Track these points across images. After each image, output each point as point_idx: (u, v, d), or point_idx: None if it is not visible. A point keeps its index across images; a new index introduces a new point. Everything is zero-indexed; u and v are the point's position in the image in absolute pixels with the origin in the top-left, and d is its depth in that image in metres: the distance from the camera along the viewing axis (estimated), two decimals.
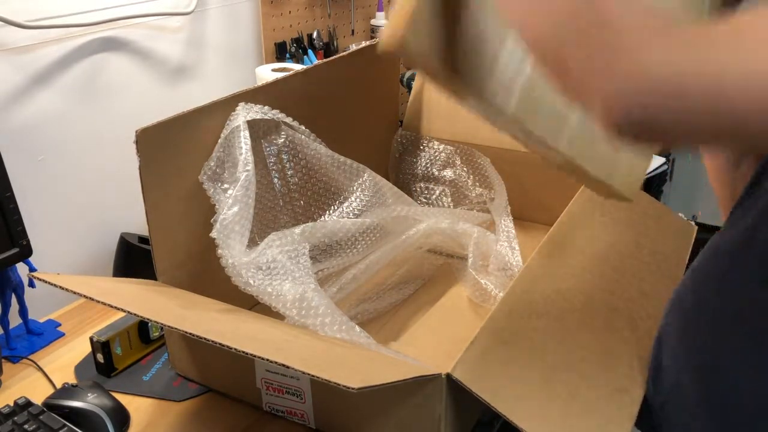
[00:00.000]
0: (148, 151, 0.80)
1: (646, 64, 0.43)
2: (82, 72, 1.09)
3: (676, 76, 0.42)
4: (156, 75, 1.22)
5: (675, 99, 0.42)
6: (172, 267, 0.87)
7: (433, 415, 0.72)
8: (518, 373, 0.73)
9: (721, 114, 0.42)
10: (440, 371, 0.68)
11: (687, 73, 0.42)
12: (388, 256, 1.03)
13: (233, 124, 0.88)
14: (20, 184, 0.94)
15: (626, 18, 0.44)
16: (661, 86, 0.42)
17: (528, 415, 0.69)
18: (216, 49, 1.32)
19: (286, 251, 0.85)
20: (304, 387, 0.79)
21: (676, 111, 0.43)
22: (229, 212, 0.83)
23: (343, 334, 0.77)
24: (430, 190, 1.25)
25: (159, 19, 1.20)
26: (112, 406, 0.82)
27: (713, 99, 0.41)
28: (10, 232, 0.89)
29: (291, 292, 0.80)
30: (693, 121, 0.43)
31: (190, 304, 0.82)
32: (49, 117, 1.05)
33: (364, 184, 1.03)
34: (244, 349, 0.63)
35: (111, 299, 0.71)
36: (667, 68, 0.42)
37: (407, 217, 1.06)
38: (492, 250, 1.05)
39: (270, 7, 1.40)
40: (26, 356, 0.95)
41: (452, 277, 1.11)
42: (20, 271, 0.95)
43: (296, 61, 1.46)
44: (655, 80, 0.43)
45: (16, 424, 0.77)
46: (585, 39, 0.46)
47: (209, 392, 0.88)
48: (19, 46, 1.00)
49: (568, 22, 0.46)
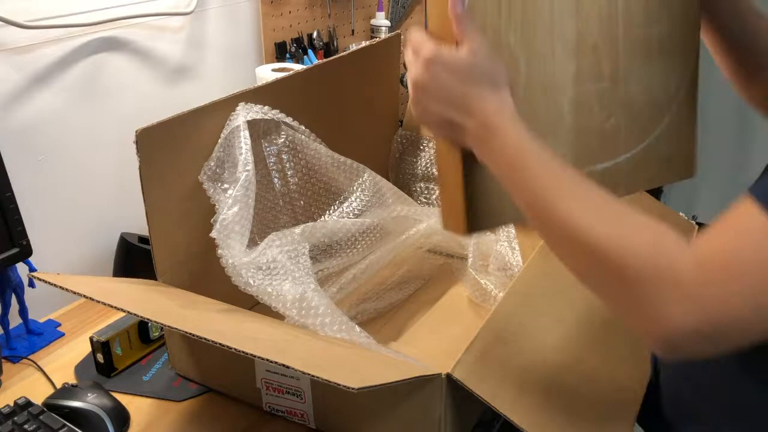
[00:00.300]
0: (148, 151, 0.80)
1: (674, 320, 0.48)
2: (82, 72, 1.09)
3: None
4: (156, 75, 1.22)
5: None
6: (172, 267, 0.87)
7: (433, 415, 0.72)
8: (518, 373, 0.73)
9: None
10: (440, 371, 0.68)
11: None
12: (388, 256, 1.03)
13: (233, 124, 0.88)
14: (20, 184, 0.94)
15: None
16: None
17: (528, 415, 0.69)
18: (216, 49, 1.32)
19: (286, 251, 0.85)
20: (304, 387, 0.79)
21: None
22: (229, 212, 0.83)
23: (343, 334, 0.77)
24: (430, 190, 1.25)
25: (159, 19, 1.20)
26: (112, 406, 0.82)
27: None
28: (10, 232, 0.89)
29: (291, 292, 0.80)
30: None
31: (190, 304, 0.82)
32: (49, 117, 1.05)
33: (364, 184, 1.03)
34: (244, 349, 0.63)
35: (111, 299, 0.71)
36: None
37: (407, 217, 1.06)
38: (492, 250, 1.05)
39: (270, 7, 1.39)
40: (26, 356, 0.94)
41: (452, 277, 1.11)
42: (20, 271, 0.95)
43: (296, 61, 1.46)
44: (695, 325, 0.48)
45: (16, 424, 0.77)
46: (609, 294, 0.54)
47: (209, 392, 0.88)
48: (19, 46, 1.00)
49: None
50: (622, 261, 0.50)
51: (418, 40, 0.63)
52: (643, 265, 0.49)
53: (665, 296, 0.48)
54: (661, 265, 0.49)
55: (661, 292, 0.48)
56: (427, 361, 0.74)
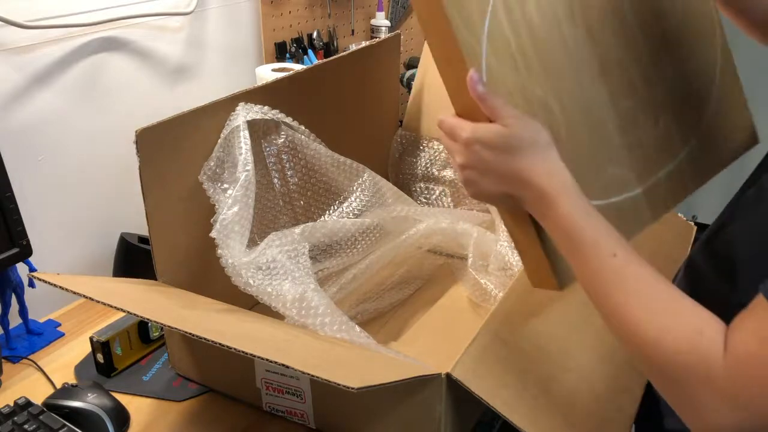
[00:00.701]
0: (148, 151, 0.80)
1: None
2: (82, 72, 1.09)
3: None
4: (156, 75, 1.22)
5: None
6: (172, 267, 0.87)
7: (433, 415, 0.72)
8: (518, 373, 0.73)
9: None
10: (440, 371, 0.68)
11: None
12: (388, 256, 1.03)
13: (233, 124, 0.88)
14: (20, 184, 0.94)
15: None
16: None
17: (528, 415, 0.69)
18: (216, 49, 1.32)
19: (286, 251, 0.85)
20: (304, 387, 0.79)
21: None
22: (228, 212, 0.83)
23: (343, 334, 0.77)
24: (430, 190, 1.25)
25: (159, 19, 1.20)
26: (112, 406, 0.82)
27: None
28: (10, 232, 0.89)
29: (291, 292, 0.80)
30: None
31: (190, 304, 0.82)
32: (49, 117, 1.05)
33: (364, 184, 1.03)
34: (244, 349, 0.63)
35: (111, 299, 0.71)
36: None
37: (407, 217, 1.06)
38: (492, 250, 1.05)
39: (270, 7, 1.39)
40: (26, 356, 0.94)
41: (452, 277, 1.11)
42: (20, 271, 0.95)
43: (296, 61, 1.46)
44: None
45: (16, 424, 0.77)
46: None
47: (209, 392, 0.88)
48: (19, 46, 1.00)
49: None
50: (665, 361, 0.54)
51: (451, 125, 0.63)
52: (683, 370, 0.53)
53: (705, 400, 0.52)
54: (700, 372, 0.52)
55: (701, 397, 0.52)
56: (427, 361, 0.74)
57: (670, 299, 0.56)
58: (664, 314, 0.55)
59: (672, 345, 0.53)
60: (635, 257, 0.58)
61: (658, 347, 0.54)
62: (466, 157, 0.62)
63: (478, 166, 0.62)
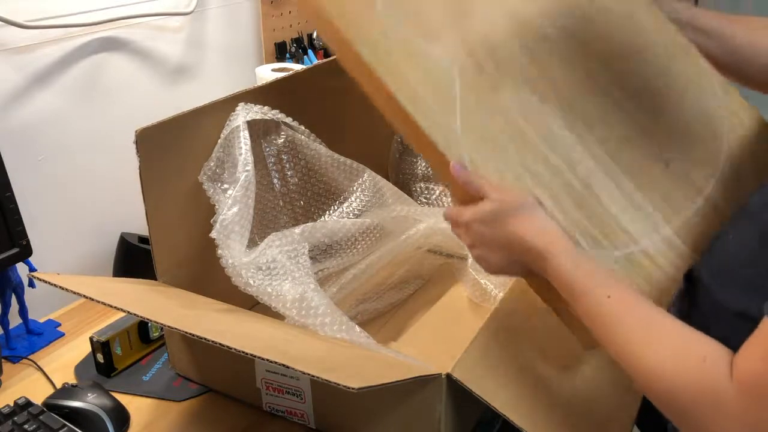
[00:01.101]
0: (148, 151, 0.80)
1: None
2: (82, 72, 1.09)
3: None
4: (156, 75, 1.22)
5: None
6: (172, 267, 0.87)
7: (433, 415, 0.72)
8: (518, 373, 0.73)
9: None
10: (440, 371, 0.68)
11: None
12: (388, 256, 1.03)
13: (233, 124, 0.88)
14: (20, 184, 0.94)
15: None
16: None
17: (528, 415, 0.69)
18: (216, 49, 1.32)
19: (286, 251, 0.85)
20: (304, 387, 0.79)
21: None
22: (228, 212, 0.83)
23: (343, 334, 0.77)
24: (430, 190, 1.25)
25: (159, 19, 1.20)
26: (112, 406, 0.82)
27: None
28: (10, 232, 0.89)
29: (291, 292, 0.80)
30: None
31: (190, 304, 0.82)
32: (49, 117, 1.05)
33: (364, 184, 1.02)
34: (244, 349, 0.63)
35: (111, 299, 0.71)
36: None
37: (407, 217, 1.05)
38: None
39: (270, 7, 1.39)
40: (26, 356, 0.94)
41: (452, 277, 1.11)
42: (20, 271, 0.95)
43: (296, 61, 1.46)
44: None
45: (16, 424, 0.77)
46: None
47: (209, 392, 0.88)
48: (19, 46, 1.00)
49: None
50: (673, 395, 0.54)
51: (452, 214, 0.70)
52: (692, 402, 0.53)
53: (717, 429, 0.52)
54: (708, 401, 0.52)
55: (713, 427, 0.52)
56: (427, 361, 0.74)
57: (668, 331, 0.57)
58: (664, 347, 0.56)
59: (678, 377, 0.54)
60: (629, 295, 0.60)
61: (663, 380, 0.54)
62: (470, 238, 0.68)
63: (482, 243, 0.67)
